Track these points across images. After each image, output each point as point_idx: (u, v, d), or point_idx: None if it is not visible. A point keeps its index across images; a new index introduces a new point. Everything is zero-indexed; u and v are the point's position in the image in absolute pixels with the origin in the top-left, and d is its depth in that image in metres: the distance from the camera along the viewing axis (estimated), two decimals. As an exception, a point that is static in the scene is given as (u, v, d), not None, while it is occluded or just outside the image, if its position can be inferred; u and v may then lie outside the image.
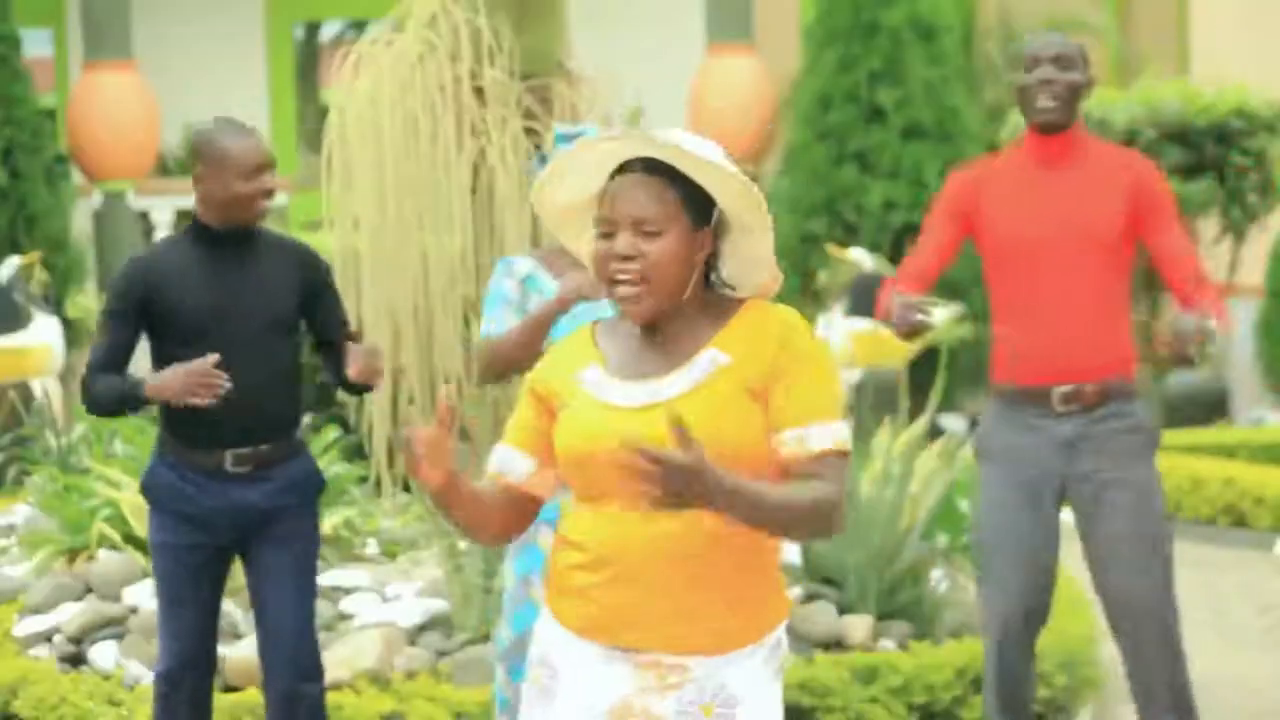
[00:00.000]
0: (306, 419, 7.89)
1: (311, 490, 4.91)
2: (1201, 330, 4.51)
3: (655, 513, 3.06)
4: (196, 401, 4.57)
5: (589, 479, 3.13)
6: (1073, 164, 4.89)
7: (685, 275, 3.10)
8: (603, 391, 3.14)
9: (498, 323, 4.90)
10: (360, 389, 4.93)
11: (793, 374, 3.09)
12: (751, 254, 3.19)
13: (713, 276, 3.20)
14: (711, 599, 3.10)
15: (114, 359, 4.79)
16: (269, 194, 4.79)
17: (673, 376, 3.12)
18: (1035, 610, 5.02)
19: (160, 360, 4.80)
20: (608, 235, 3.10)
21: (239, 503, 4.79)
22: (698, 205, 3.11)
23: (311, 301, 4.90)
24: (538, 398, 3.23)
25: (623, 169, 3.11)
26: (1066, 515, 5.11)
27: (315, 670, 4.87)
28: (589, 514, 3.14)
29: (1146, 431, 4.94)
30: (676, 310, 3.14)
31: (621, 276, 3.08)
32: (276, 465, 4.82)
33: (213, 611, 4.88)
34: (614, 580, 3.10)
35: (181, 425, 4.80)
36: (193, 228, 4.85)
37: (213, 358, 4.60)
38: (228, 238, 4.82)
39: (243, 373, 4.70)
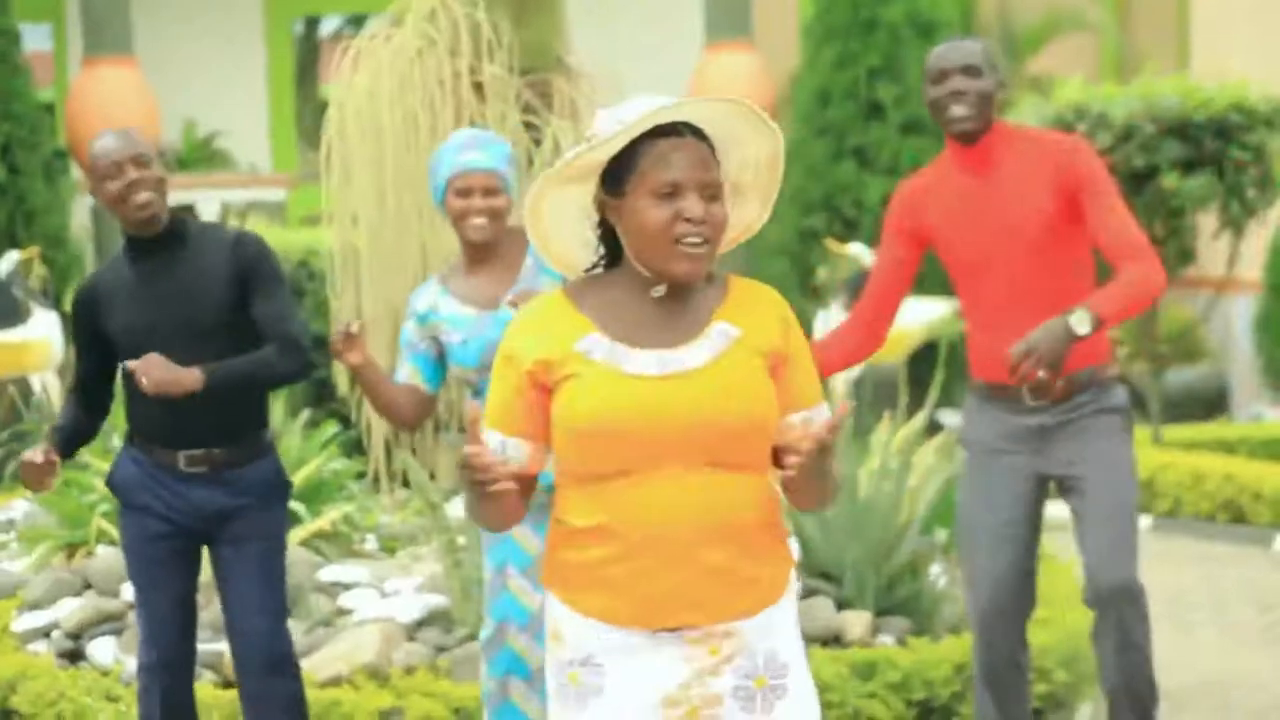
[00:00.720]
0: (305, 414, 7.89)
1: (275, 493, 4.83)
2: (1038, 346, 4.46)
3: (681, 480, 3.09)
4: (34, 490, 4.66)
5: (612, 452, 3.09)
6: (996, 167, 4.88)
7: None
8: (619, 361, 3.13)
9: (399, 371, 4.92)
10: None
11: (796, 358, 3.22)
12: (734, 221, 3.27)
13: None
14: (745, 559, 3.14)
15: (81, 387, 4.85)
16: (142, 186, 4.65)
17: (690, 347, 3.14)
18: (1016, 602, 5.00)
19: (124, 375, 4.80)
20: (669, 197, 3.10)
21: (197, 501, 4.75)
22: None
23: (246, 290, 4.71)
24: (525, 373, 3.17)
25: (656, 133, 3.13)
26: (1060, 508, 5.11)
27: (285, 666, 4.81)
28: (606, 494, 3.11)
29: (1119, 413, 4.92)
30: None
31: (693, 238, 3.10)
32: (236, 468, 4.76)
33: (186, 605, 4.85)
34: (650, 563, 3.10)
35: (139, 423, 4.79)
36: (124, 242, 4.81)
37: (41, 453, 4.63)
38: (152, 244, 4.74)
39: None
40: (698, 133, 3.15)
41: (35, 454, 4.63)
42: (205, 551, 4.90)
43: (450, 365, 4.86)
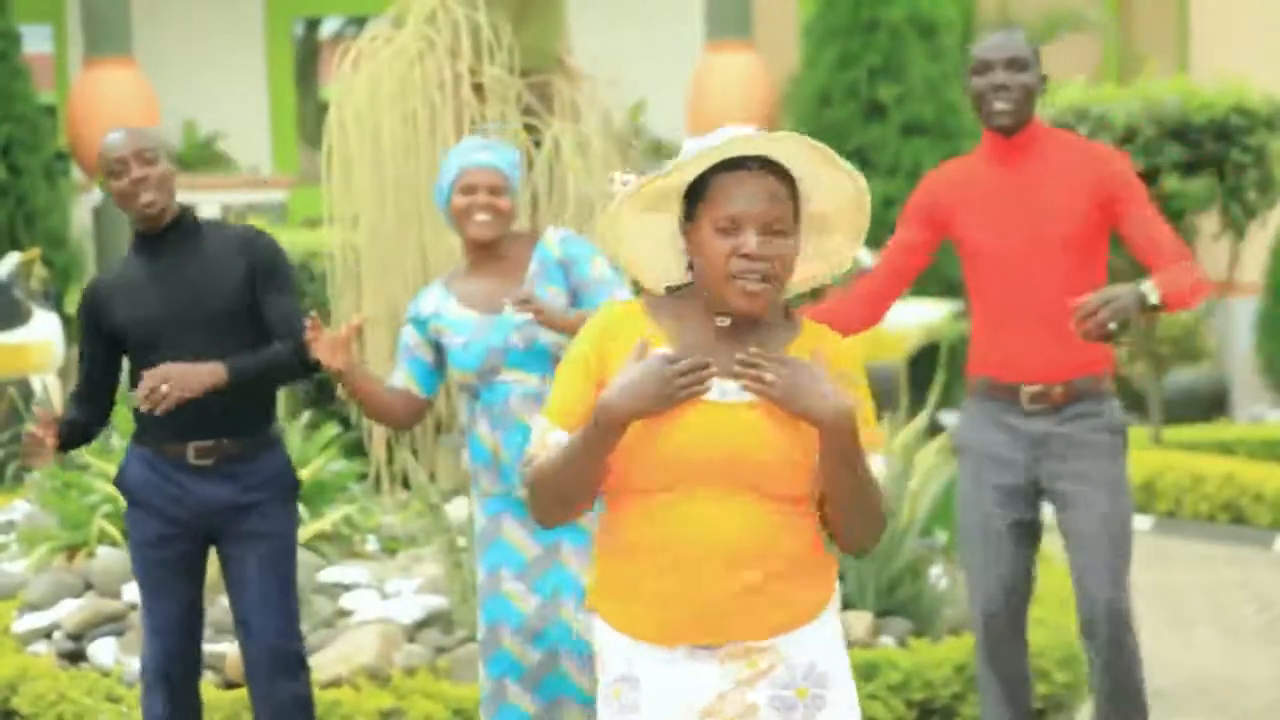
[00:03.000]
0: (306, 415, 7.89)
1: (283, 488, 4.83)
2: (1116, 299, 4.44)
3: (722, 502, 3.09)
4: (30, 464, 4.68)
5: (658, 468, 3.10)
6: (1030, 164, 4.88)
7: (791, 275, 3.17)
8: None
9: (395, 375, 4.91)
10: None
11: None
12: (818, 253, 3.25)
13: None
14: (786, 578, 3.14)
15: (88, 386, 4.85)
16: (147, 183, 4.66)
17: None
18: (1015, 605, 4.99)
19: (131, 373, 4.81)
20: (728, 231, 3.09)
21: (206, 497, 4.75)
22: (797, 207, 3.15)
23: (257, 286, 4.75)
24: (594, 378, 3.17)
25: (729, 165, 3.11)
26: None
27: (295, 666, 4.80)
28: (648, 511, 3.12)
29: (1115, 431, 4.92)
30: None
31: (748, 276, 3.08)
32: (244, 462, 4.77)
33: (192, 605, 4.85)
34: (688, 579, 3.10)
35: (147, 418, 4.78)
36: (133, 238, 4.83)
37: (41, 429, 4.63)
38: (161, 239, 4.76)
39: None
40: (778, 166, 3.12)
41: (38, 429, 4.66)
42: (211, 553, 4.91)
43: (451, 369, 4.86)
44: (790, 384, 3.02)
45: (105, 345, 4.81)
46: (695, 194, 3.14)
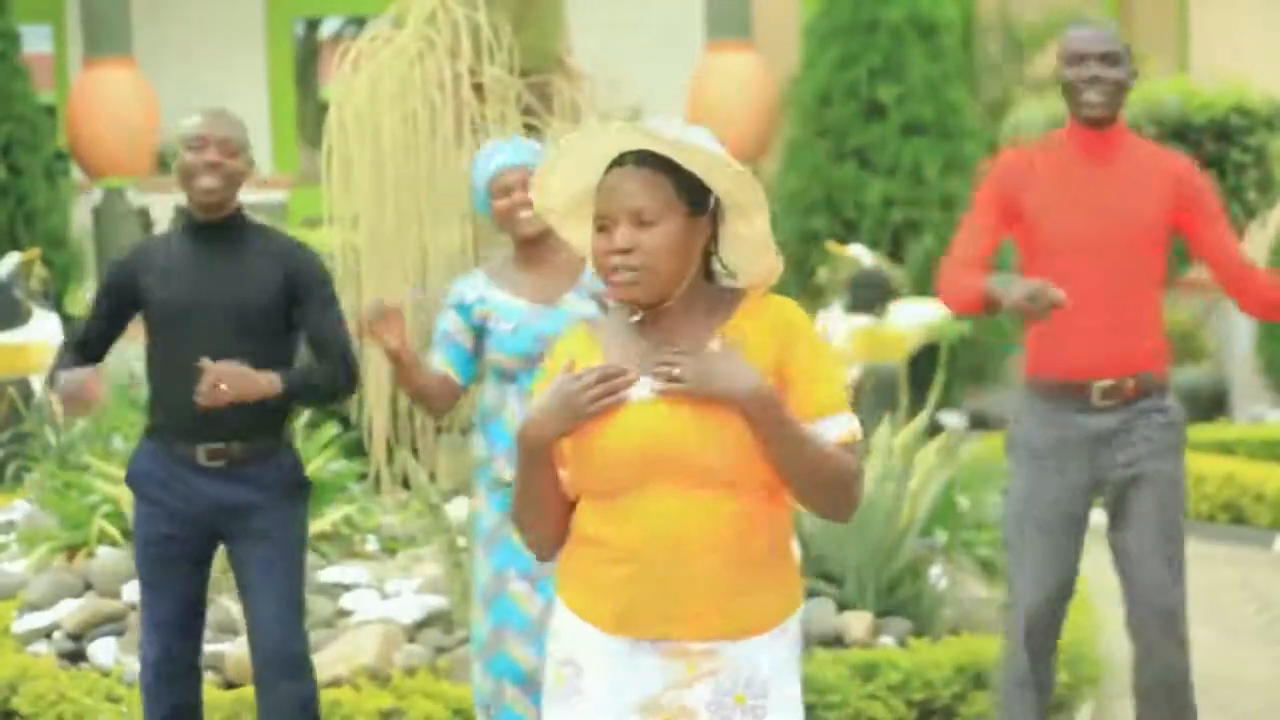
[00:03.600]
0: (305, 416, 7.89)
1: (291, 486, 4.81)
2: None
3: (669, 498, 3.09)
4: (71, 413, 4.62)
5: (603, 476, 3.13)
6: (1116, 161, 4.89)
7: (682, 264, 3.12)
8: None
9: (433, 361, 4.93)
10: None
11: (794, 369, 3.15)
12: (749, 237, 3.20)
13: (714, 265, 3.23)
14: (737, 586, 3.12)
15: (86, 339, 4.85)
16: (216, 170, 4.66)
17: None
18: (1061, 608, 5.01)
19: (147, 348, 4.80)
20: (604, 229, 3.12)
21: (213, 496, 4.74)
22: (693, 193, 3.13)
23: (296, 303, 4.77)
24: None
25: (616, 163, 3.13)
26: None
27: (298, 666, 4.78)
28: (605, 509, 3.13)
29: (1179, 427, 4.98)
30: (674, 302, 3.16)
31: (618, 269, 3.10)
32: (254, 464, 4.76)
33: (193, 603, 4.85)
34: (638, 576, 3.11)
35: (161, 415, 4.79)
36: (183, 220, 4.82)
37: (86, 372, 4.58)
38: (211, 229, 4.76)
39: None
40: (655, 158, 3.11)
41: (88, 379, 4.61)
42: (215, 554, 4.91)
43: (491, 353, 4.86)
44: (698, 373, 3.04)
45: (116, 310, 4.81)
46: None
